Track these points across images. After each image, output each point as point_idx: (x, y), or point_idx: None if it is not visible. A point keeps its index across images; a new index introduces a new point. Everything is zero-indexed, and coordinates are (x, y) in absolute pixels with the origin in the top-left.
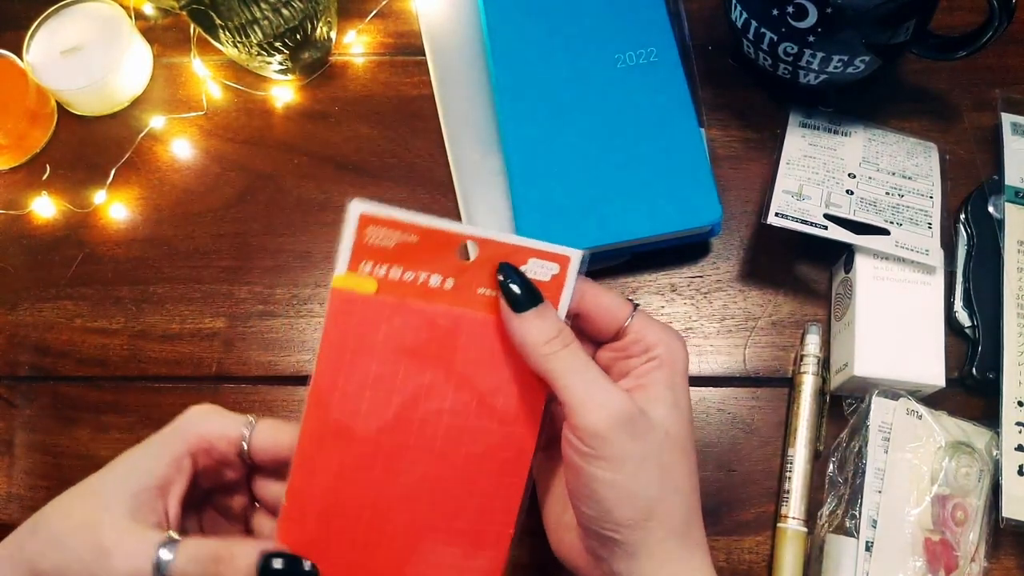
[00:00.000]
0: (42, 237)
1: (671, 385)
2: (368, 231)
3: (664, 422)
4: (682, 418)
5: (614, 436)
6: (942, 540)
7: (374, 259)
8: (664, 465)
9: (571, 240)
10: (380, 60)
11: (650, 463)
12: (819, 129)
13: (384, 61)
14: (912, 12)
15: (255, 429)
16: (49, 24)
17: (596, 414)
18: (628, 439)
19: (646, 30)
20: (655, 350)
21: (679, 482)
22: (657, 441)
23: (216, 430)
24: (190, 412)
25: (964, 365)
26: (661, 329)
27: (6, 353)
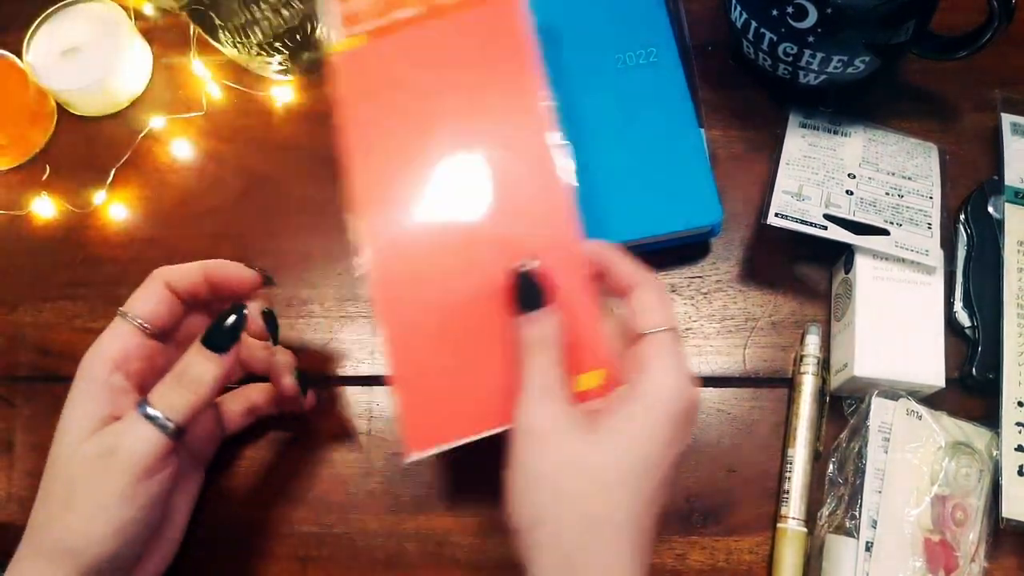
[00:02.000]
0: (42, 237)
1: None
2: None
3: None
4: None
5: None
6: (942, 540)
7: (357, 21)
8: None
9: None
10: None
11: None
12: (819, 129)
13: None
14: (912, 12)
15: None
16: (49, 24)
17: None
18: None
19: (646, 30)
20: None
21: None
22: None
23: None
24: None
25: (964, 365)
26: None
27: (6, 353)
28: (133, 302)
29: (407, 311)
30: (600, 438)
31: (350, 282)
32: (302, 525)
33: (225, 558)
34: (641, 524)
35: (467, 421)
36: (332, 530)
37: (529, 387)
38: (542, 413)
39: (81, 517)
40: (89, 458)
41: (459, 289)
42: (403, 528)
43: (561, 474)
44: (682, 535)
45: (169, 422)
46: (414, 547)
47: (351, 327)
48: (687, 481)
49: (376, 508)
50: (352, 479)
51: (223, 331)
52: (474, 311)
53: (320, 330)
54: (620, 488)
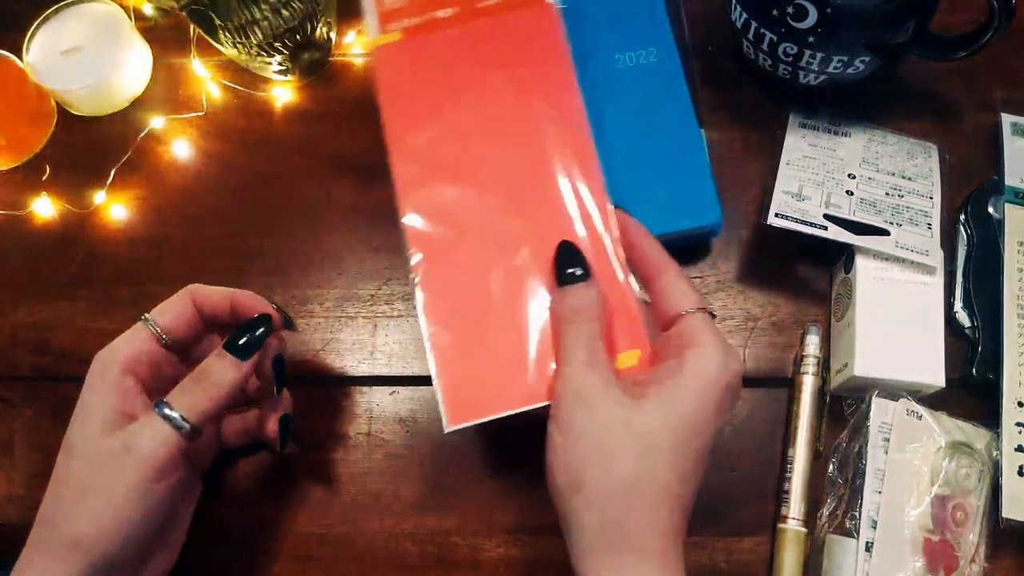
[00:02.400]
0: (42, 237)
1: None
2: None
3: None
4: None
5: (566, 403)
6: (942, 540)
7: (394, 19)
8: (606, 449)
9: None
10: None
11: (589, 438)
12: (819, 129)
13: None
14: (912, 12)
15: (154, 319)
16: (49, 24)
17: (560, 381)
18: (574, 408)
19: (646, 30)
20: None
21: (616, 472)
22: (608, 424)
23: (128, 349)
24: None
25: (964, 365)
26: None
27: (6, 353)
28: (159, 310)
29: (449, 287)
30: (647, 404)
31: (350, 282)
32: (302, 525)
33: (225, 558)
34: (684, 489)
35: (506, 395)
36: (332, 530)
37: (573, 355)
38: (588, 378)
39: (92, 511)
40: (104, 454)
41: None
42: (403, 528)
43: (607, 435)
44: None
45: (186, 423)
46: (414, 547)
47: (351, 327)
48: None
49: (376, 508)
50: (352, 479)
51: (247, 339)
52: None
53: (320, 330)
54: (665, 452)
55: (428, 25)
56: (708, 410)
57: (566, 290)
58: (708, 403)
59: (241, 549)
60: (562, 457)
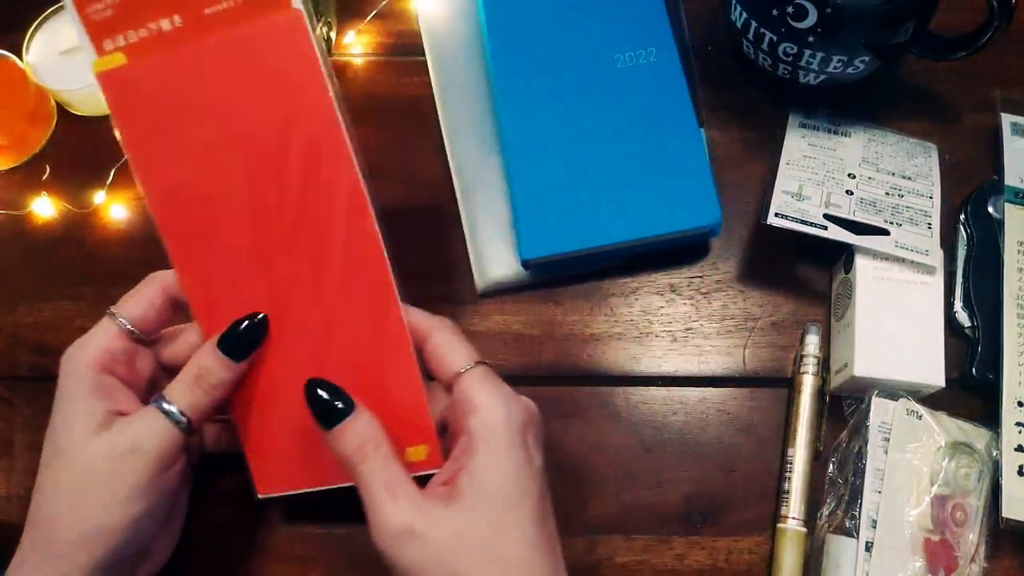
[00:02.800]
0: (42, 237)
1: (480, 469)
2: (89, 9)
3: (456, 522)
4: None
5: (394, 547)
6: (942, 540)
7: (109, 34)
8: (453, 568)
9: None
10: (380, 60)
11: (434, 569)
12: (819, 129)
13: (384, 61)
14: (912, 12)
15: (121, 312)
16: (49, 24)
17: (377, 533)
18: (406, 550)
19: (646, 30)
20: (470, 417)
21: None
22: (442, 545)
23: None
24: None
25: (964, 365)
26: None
27: (6, 353)
28: (124, 304)
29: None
30: (464, 503)
31: None
32: (302, 525)
33: (225, 558)
34: (543, 549)
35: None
36: (332, 530)
37: (375, 495)
38: (398, 509)
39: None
40: (108, 452)
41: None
42: None
43: (446, 555)
44: (682, 535)
45: (184, 417)
46: None
47: None
48: (687, 481)
49: None
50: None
51: (242, 341)
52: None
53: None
54: (505, 534)
55: (153, 42)
56: (519, 465)
57: (337, 432)
58: (515, 461)
59: (241, 549)
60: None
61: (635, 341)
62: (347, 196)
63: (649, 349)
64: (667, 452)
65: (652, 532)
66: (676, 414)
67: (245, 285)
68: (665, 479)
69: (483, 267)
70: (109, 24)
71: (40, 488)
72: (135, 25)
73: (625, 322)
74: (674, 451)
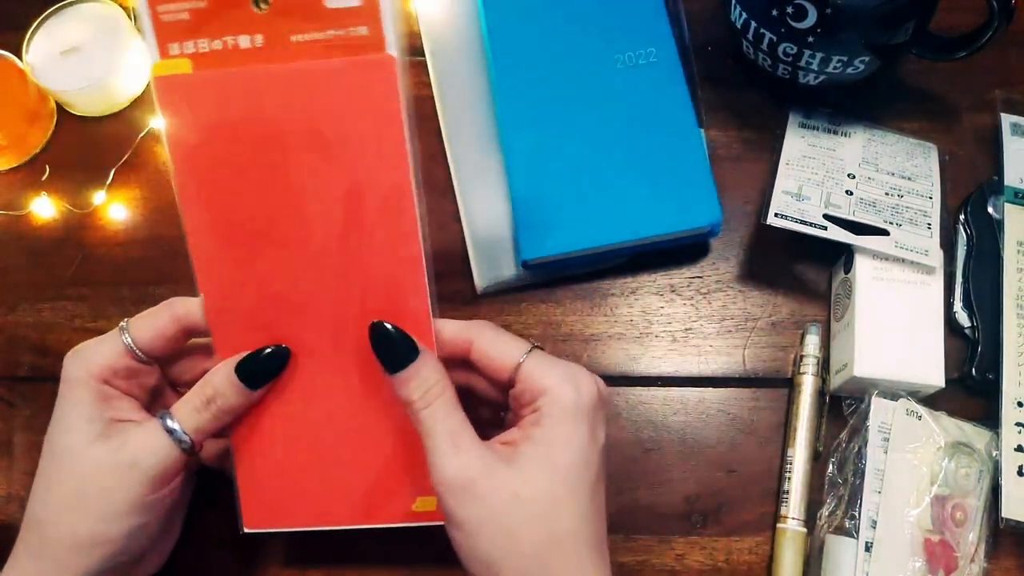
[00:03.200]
0: (42, 237)
1: (547, 440)
2: (160, 9)
3: (515, 485)
4: (551, 477)
5: (451, 499)
6: (942, 540)
7: (178, 38)
8: (508, 530)
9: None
10: None
11: (488, 527)
12: (819, 129)
13: None
14: (912, 12)
15: (130, 329)
16: (49, 24)
17: (436, 476)
18: (462, 503)
19: (646, 30)
20: (540, 399)
21: (525, 546)
22: (498, 506)
23: (101, 361)
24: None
25: (964, 365)
26: (555, 374)
27: (6, 353)
28: (136, 323)
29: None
30: (525, 465)
31: None
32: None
33: (225, 558)
34: (595, 525)
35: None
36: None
37: (438, 444)
38: (461, 463)
39: (94, 520)
40: (104, 464)
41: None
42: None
43: (503, 518)
44: (682, 535)
45: (187, 438)
46: (415, 548)
47: None
48: (687, 481)
49: None
50: None
51: (261, 371)
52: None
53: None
54: (562, 505)
55: (225, 56)
56: (584, 442)
57: (402, 376)
58: (581, 437)
59: (241, 549)
60: (468, 552)
61: (635, 341)
62: (404, 259)
63: (649, 349)
64: (667, 452)
65: (652, 532)
66: (676, 414)
67: (271, 318)
68: (665, 479)
69: (483, 267)
70: (181, 28)
71: (36, 491)
72: (210, 35)
73: (625, 322)
74: (674, 451)
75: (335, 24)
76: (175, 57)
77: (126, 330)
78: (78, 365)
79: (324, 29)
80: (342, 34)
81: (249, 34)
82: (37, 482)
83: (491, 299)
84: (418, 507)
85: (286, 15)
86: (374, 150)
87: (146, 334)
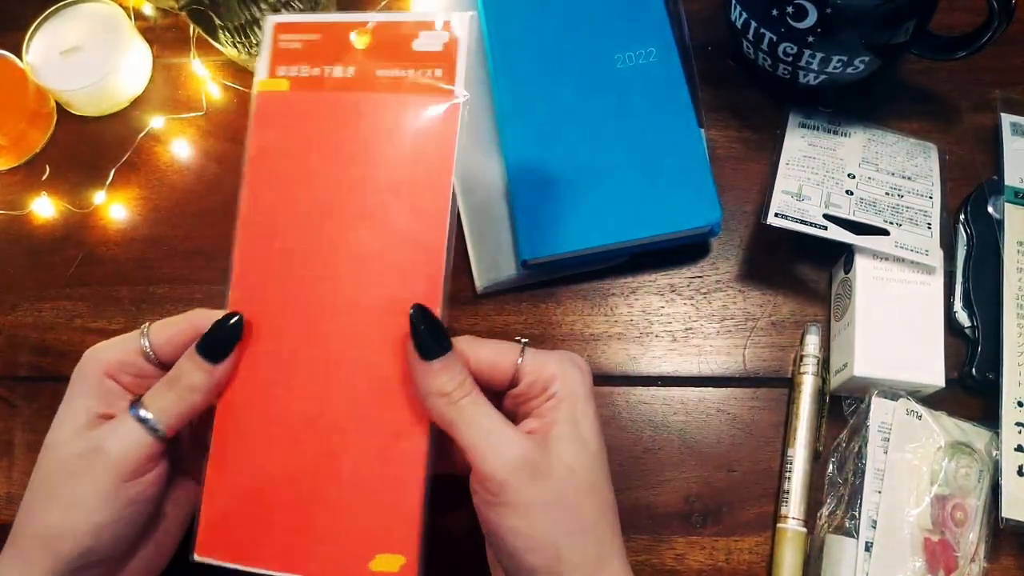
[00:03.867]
0: (42, 237)
1: (573, 419)
2: (281, 38)
3: (568, 460)
4: (587, 451)
5: (515, 482)
6: (942, 540)
7: (287, 62)
8: (569, 506)
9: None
10: None
11: (554, 507)
12: (819, 129)
13: None
14: (912, 12)
15: (150, 332)
16: (49, 24)
17: (495, 461)
18: (529, 484)
19: (646, 30)
20: (553, 386)
21: (586, 521)
22: (560, 483)
23: (113, 355)
24: (85, 355)
25: (964, 365)
26: (555, 361)
27: (6, 353)
28: (158, 327)
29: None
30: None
31: None
32: None
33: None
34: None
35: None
36: None
37: (489, 426)
38: (521, 443)
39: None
40: (74, 454)
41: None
42: None
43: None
44: (682, 535)
45: (157, 424)
46: None
47: None
48: (687, 481)
49: None
50: None
51: (217, 340)
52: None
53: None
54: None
55: (319, 82)
56: (596, 418)
57: (438, 364)
58: (594, 413)
59: None
60: (528, 540)
61: (635, 341)
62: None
63: (649, 349)
64: (667, 452)
65: (652, 532)
66: (676, 414)
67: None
68: (665, 479)
69: (483, 267)
70: (292, 55)
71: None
72: (312, 63)
73: (625, 322)
74: (674, 451)
75: (417, 64)
76: (279, 78)
77: (146, 334)
78: (91, 357)
79: (407, 67)
80: (420, 73)
81: (344, 65)
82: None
83: (491, 299)
84: (376, 565)
85: (379, 53)
86: (423, 182)
87: (162, 337)
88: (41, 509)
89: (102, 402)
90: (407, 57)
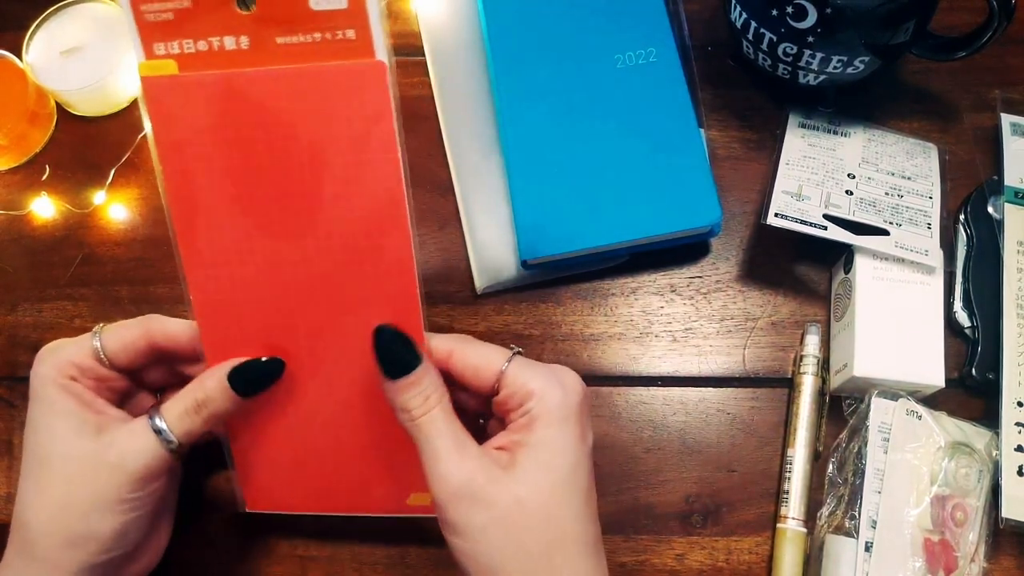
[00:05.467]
0: (42, 237)
1: (542, 442)
2: (142, 8)
3: (518, 490)
4: (548, 479)
5: (454, 506)
6: (942, 540)
7: (163, 37)
8: (510, 535)
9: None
10: None
11: (493, 534)
12: (818, 129)
13: None
14: (912, 12)
15: (102, 335)
16: (49, 24)
17: (437, 484)
18: (468, 509)
19: (646, 30)
20: (529, 402)
21: (531, 551)
22: (503, 511)
23: (70, 357)
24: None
25: (964, 365)
26: (541, 377)
27: (6, 353)
28: (110, 330)
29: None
30: (524, 469)
31: None
32: (303, 525)
33: (225, 558)
34: (589, 524)
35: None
36: (332, 530)
37: (439, 446)
38: (465, 471)
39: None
40: (94, 463)
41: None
42: (405, 529)
43: (507, 525)
44: (682, 535)
45: (174, 439)
46: (416, 548)
47: None
48: (687, 481)
49: None
50: None
51: (253, 380)
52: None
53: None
54: (563, 509)
55: (209, 57)
56: (576, 443)
57: (403, 382)
58: (573, 438)
59: (241, 548)
60: (471, 560)
61: (635, 341)
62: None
63: (649, 349)
64: (667, 452)
65: (652, 532)
66: (676, 414)
67: (262, 323)
68: (665, 479)
69: (483, 267)
70: (165, 28)
71: (23, 492)
72: (194, 36)
73: (625, 322)
74: (674, 451)
75: (321, 27)
76: (160, 57)
77: (98, 334)
78: (47, 361)
79: (310, 32)
80: (328, 37)
81: (234, 35)
82: (23, 483)
83: (491, 299)
84: (412, 501)
85: (271, 16)
86: (366, 157)
87: (115, 344)
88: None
89: (84, 405)
90: (308, 19)
